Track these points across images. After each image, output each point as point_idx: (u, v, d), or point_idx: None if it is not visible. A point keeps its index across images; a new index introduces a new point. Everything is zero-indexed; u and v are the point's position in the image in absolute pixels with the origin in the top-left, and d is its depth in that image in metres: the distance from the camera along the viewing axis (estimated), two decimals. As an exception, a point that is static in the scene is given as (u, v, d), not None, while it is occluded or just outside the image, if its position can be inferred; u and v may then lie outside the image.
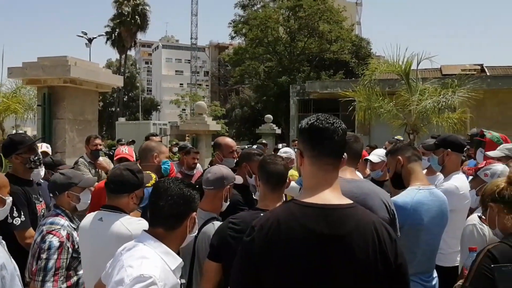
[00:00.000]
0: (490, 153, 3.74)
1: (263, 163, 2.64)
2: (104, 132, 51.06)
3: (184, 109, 52.57)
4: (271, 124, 20.07)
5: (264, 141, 11.57)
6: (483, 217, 2.37)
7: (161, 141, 6.80)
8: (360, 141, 2.73)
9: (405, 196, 2.81)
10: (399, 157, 3.01)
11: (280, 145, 13.12)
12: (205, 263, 2.50)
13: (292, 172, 4.81)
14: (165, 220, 1.94)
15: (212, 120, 33.42)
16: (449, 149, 3.50)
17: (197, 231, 2.08)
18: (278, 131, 20.39)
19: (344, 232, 1.58)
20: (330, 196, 1.67)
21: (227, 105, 49.98)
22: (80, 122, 7.65)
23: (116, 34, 44.22)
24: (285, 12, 28.06)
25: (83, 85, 7.50)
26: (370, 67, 11.68)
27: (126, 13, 42.93)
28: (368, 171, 4.97)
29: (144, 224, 2.27)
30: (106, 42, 45.23)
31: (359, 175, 3.57)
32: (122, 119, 29.76)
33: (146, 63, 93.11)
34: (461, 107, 21.73)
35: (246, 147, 5.74)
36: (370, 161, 4.64)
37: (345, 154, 1.84)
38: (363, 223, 1.62)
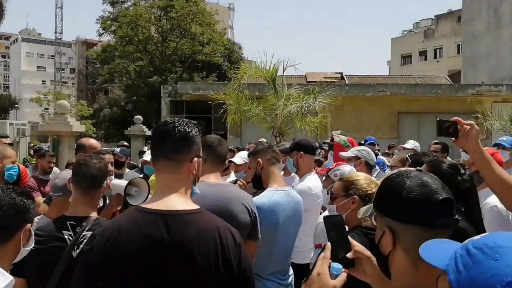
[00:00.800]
0: (343, 154, 4.04)
1: (77, 165, 2.50)
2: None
3: (47, 108, 48.70)
4: (141, 125, 19.49)
5: (125, 143, 11.12)
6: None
7: (11, 144, 6.17)
8: (224, 144, 2.73)
9: (263, 197, 2.90)
10: (259, 159, 3.10)
11: (145, 148, 12.79)
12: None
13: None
14: None
15: (79, 120, 31.42)
16: (302, 152, 3.71)
17: (33, 244, 1.89)
18: (149, 132, 19.89)
19: (185, 238, 1.57)
20: (175, 201, 1.65)
21: (95, 105, 47.44)
22: None
23: (-36, 23, 39.35)
24: (157, 11, 27.55)
25: None
26: (240, 72, 11.97)
27: (-24, 0, 38.47)
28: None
29: None
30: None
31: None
32: (-29, 118, 26.55)
33: (3, 57, 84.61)
34: (323, 112, 23.29)
35: (116, 149, 5.44)
36: (234, 163, 4.74)
37: (195, 158, 1.80)
38: (206, 228, 1.62)
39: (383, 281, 1.44)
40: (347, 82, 27.20)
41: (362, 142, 8.11)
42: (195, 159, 1.75)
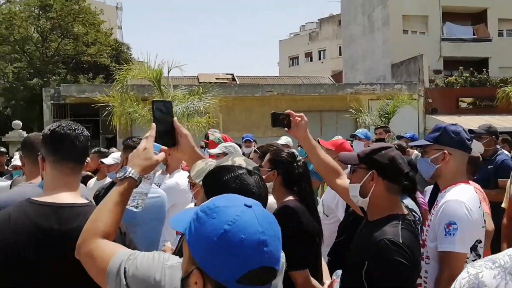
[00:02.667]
0: (212, 151, 4.25)
1: None
2: None
3: None
4: (20, 131, 18.21)
5: (2, 149, 10.36)
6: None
7: None
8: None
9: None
10: (125, 155, 3.20)
11: (16, 153, 12.02)
12: None
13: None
14: None
15: None
16: (171, 149, 3.84)
17: None
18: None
19: (72, 227, 1.71)
20: (66, 197, 1.81)
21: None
22: None
23: None
24: (35, 10, 25.80)
25: None
26: (123, 72, 11.77)
27: None
28: None
29: None
30: None
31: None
32: None
33: None
34: (214, 112, 23.55)
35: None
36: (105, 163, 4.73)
37: (88, 159, 1.96)
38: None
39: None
40: (238, 83, 27.84)
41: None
42: (88, 158, 1.96)
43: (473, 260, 2.22)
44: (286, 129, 2.39)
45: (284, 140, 6.91)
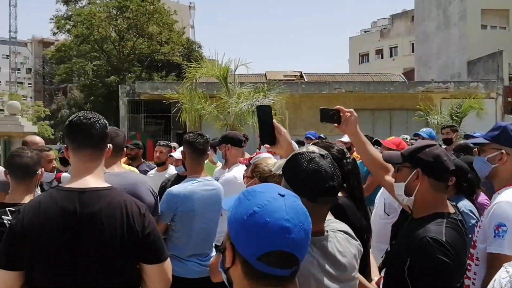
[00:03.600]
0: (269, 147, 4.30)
1: (10, 156, 2.71)
2: None
3: (2, 110, 47.31)
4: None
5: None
6: None
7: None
8: (120, 135, 2.98)
9: (180, 187, 3.19)
10: (183, 150, 3.37)
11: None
12: None
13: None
14: None
15: (36, 122, 30.80)
16: (229, 144, 3.98)
17: None
18: (106, 132, 19.77)
19: (95, 210, 1.87)
20: (89, 181, 1.95)
21: (52, 106, 46.38)
22: None
23: None
24: (112, 10, 27.24)
25: None
26: (192, 71, 12.14)
27: None
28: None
29: None
30: None
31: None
32: None
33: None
34: (280, 109, 23.61)
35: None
36: (173, 157, 4.96)
37: (109, 145, 2.11)
38: (114, 202, 1.92)
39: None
40: (305, 80, 27.74)
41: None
42: (109, 145, 2.14)
43: None
44: (335, 124, 2.41)
45: (347, 137, 6.84)
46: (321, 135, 8.36)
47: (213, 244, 3.38)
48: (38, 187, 2.87)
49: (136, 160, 6.14)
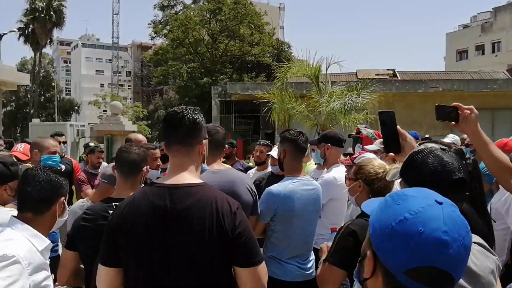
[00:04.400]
0: (368, 147, 4.11)
1: (118, 152, 2.76)
2: (18, 134, 48.20)
3: (105, 110, 50.90)
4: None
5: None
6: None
7: (64, 142, 6.64)
8: (220, 132, 2.95)
9: (280, 186, 3.09)
10: (283, 148, 3.28)
11: None
12: (63, 251, 2.62)
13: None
14: (34, 205, 2.04)
15: (135, 121, 32.65)
16: (329, 144, 3.83)
17: (67, 216, 2.19)
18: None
19: (184, 206, 1.84)
20: (182, 177, 1.92)
21: (150, 106, 49.07)
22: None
23: (29, 31, 41.79)
24: (206, 14, 28.17)
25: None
26: (283, 70, 12.13)
27: (40, 9, 40.70)
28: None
29: (14, 213, 2.34)
30: (19, 39, 42.64)
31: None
32: (36, 120, 28.26)
33: (65, 62, 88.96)
34: (373, 108, 22.92)
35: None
36: (272, 156, 4.90)
37: (204, 140, 2.03)
38: (204, 198, 1.86)
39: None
40: (399, 78, 26.69)
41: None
42: (204, 141, 2.02)
43: None
44: (453, 123, 2.19)
45: (451, 138, 6.40)
46: (426, 135, 7.90)
47: (312, 246, 3.26)
48: (143, 184, 2.95)
49: (230, 158, 6.21)
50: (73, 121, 47.10)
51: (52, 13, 40.90)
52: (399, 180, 1.79)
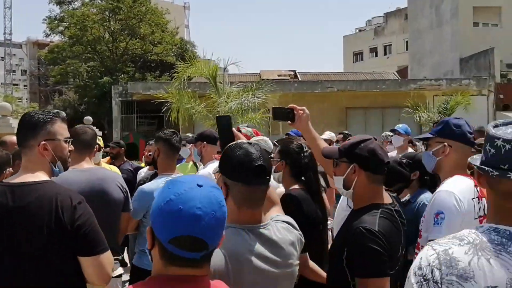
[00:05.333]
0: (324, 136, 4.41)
1: None
2: None
3: (-2, 112, 47.32)
4: (91, 126, 19.41)
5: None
6: None
7: None
8: (88, 132, 3.07)
9: (152, 184, 3.29)
10: (157, 147, 3.45)
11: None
12: None
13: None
14: None
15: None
16: (205, 142, 4.05)
17: None
18: (99, 133, 19.75)
19: (25, 203, 1.95)
20: (26, 176, 2.05)
21: (49, 107, 46.39)
22: None
23: None
24: (106, 12, 27.29)
25: None
26: (181, 70, 12.21)
27: None
28: None
29: None
30: None
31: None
32: None
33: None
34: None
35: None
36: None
37: (43, 142, 2.13)
38: (45, 195, 1.98)
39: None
40: (299, 79, 27.82)
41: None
42: (43, 142, 2.10)
43: None
44: (289, 122, 2.51)
45: (327, 135, 6.95)
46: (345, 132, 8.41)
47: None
48: None
49: (118, 158, 6.21)
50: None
51: None
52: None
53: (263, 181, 1.71)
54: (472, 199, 2.34)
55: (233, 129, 2.15)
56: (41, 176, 2.07)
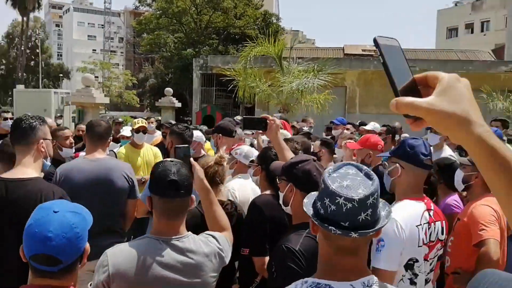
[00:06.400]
0: (366, 127, 4.53)
1: None
2: (9, 99, 48.24)
3: (97, 77, 50.91)
4: (171, 97, 20.33)
5: (120, 120, 11.17)
6: None
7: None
8: (102, 125, 3.39)
9: None
10: (170, 139, 3.75)
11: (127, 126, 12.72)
12: None
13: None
14: None
15: (124, 89, 32.81)
16: (220, 134, 4.24)
17: None
18: (178, 104, 20.68)
19: (16, 196, 2.34)
20: (20, 172, 2.44)
21: (140, 75, 48.94)
22: None
23: (17, -5, 41.43)
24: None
25: None
26: (247, 49, 12.38)
27: (27, -27, 40.33)
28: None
29: None
30: (6, 2, 42.22)
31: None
32: (20, 86, 28.29)
33: (57, 26, 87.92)
34: (351, 86, 23.14)
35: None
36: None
37: (41, 140, 2.51)
38: (32, 189, 2.37)
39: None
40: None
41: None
42: (41, 141, 2.53)
43: (409, 279, 2.24)
44: (260, 131, 2.65)
45: (371, 125, 6.85)
46: (358, 123, 8.22)
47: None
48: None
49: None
50: (64, 88, 47.08)
51: (39, -23, 40.43)
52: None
53: (176, 194, 1.90)
54: (418, 225, 2.31)
55: (191, 158, 2.30)
56: (31, 173, 2.47)
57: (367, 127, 6.73)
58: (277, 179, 2.30)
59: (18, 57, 47.01)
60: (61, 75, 57.74)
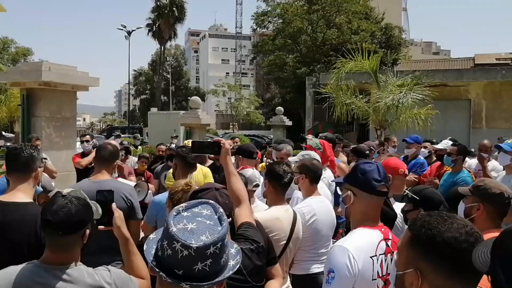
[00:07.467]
0: (290, 159, 4.37)
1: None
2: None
3: (230, 98, 54.01)
4: (282, 116, 20.72)
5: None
6: None
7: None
8: (107, 149, 3.57)
9: (161, 196, 3.67)
10: (175, 162, 3.91)
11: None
12: None
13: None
14: None
15: (253, 109, 34.53)
16: (240, 156, 4.26)
17: None
18: (289, 123, 20.95)
19: (12, 219, 2.50)
20: (15, 197, 2.62)
21: (267, 95, 50.67)
22: (57, 119, 8.71)
23: (156, 26, 45.87)
24: (304, 4, 28.32)
25: (58, 86, 8.53)
26: (341, 65, 12.13)
27: (163, 6, 44.50)
28: None
29: None
30: (148, 34, 47.08)
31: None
32: (154, 109, 31.23)
33: (195, 52, 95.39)
34: (476, 98, 21.24)
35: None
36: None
37: (39, 168, 2.76)
38: (28, 213, 2.53)
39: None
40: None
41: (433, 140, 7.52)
42: (38, 169, 2.77)
43: None
44: (212, 155, 2.61)
45: (443, 144, 6.19)
46: (433, 139, 7.50)
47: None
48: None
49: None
50: (201, 109, 50.45)
51: (174, 8, 44.36)
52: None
53: (52, 233, 1.95)
54: (372, 257, 2.08)
55: (113, 204, 2.34)
56: (26, 198, 2.65)
57: (439, 146, 6.11)
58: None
59: (158, 82, 51.81)
60: (203, 95, 62.51)
